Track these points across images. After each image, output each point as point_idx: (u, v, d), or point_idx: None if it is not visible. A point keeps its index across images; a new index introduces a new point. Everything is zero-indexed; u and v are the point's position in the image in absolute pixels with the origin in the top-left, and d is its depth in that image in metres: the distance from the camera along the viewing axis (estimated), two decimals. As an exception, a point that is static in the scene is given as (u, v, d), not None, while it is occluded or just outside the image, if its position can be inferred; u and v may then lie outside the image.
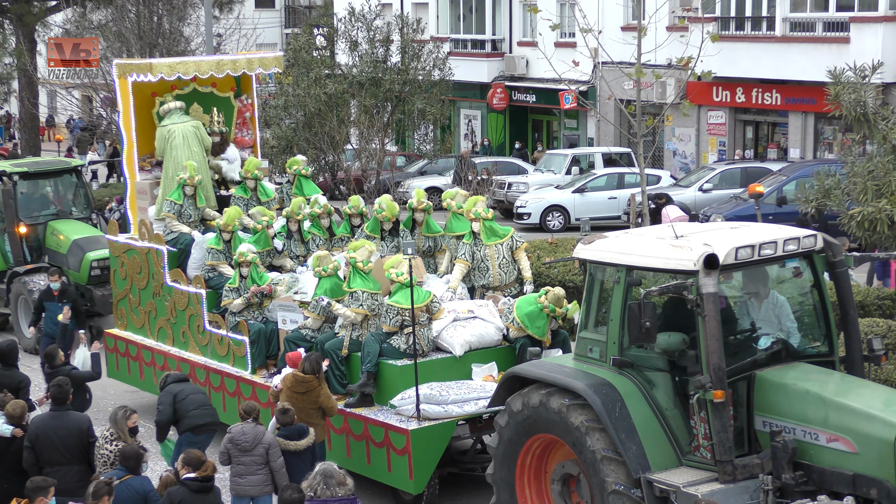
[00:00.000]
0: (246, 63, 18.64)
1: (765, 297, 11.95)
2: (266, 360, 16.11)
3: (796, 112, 35.06)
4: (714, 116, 37.80)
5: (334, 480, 10.28)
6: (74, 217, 23.90)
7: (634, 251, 11.81)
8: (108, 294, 22.52)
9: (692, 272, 11.10)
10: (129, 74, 18.09)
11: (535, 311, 14.56)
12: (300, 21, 55.70)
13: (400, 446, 13.82)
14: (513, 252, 15.65)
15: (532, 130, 46.60)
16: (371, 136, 30.25)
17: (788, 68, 33.75)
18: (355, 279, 14.86)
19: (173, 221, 17.56)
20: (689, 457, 11.41)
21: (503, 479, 12.61)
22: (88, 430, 12.41)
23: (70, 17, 39.13)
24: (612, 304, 11.78)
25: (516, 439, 12.37)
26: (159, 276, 17.57)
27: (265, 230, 16.95)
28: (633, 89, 23.48)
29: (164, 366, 17.44)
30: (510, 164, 40.48)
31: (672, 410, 11.57)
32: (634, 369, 11.74)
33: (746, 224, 12.82)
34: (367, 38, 34.46)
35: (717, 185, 32.70)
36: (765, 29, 34.81)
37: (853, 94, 17.39)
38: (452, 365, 14.54)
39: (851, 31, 32.11)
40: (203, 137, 18.26)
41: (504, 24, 45.14)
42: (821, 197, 17.97)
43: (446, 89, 37.98)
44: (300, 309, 15.71)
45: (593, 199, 34.37)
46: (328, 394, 13.85)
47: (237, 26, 34.65)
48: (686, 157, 39.16)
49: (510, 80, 44.53)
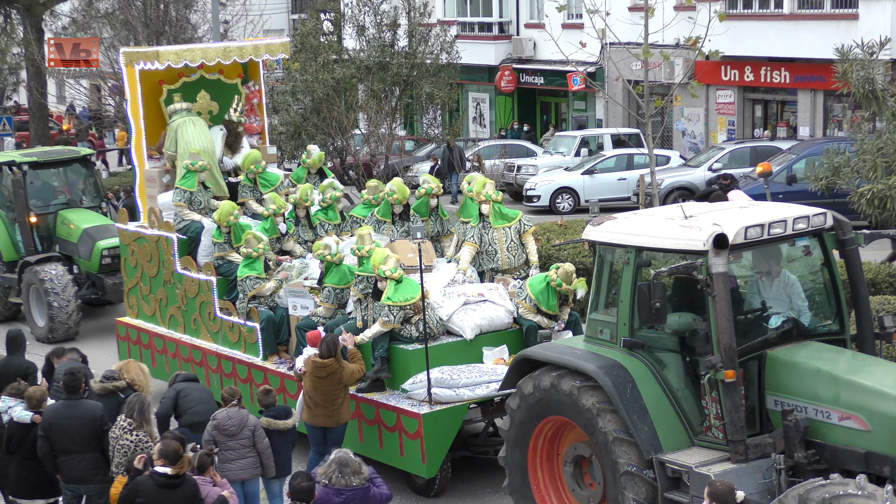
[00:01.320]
0: (252, 49, 18.57)
1: (776, 276, 11.88)
2: (277, 347, 16.08)
3: (805, 90, 35.05)
4: (723, 96, 37.78)
5: (349, 469, 10.22)
6: (84, 206, 23.94)
7: (644, 232, 11.76)
8: (119, 283, 22.48)
9: (701, 252, 11.07)
10: (136, 62, 18.07)
11: (546, 287, 14.62)
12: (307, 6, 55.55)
13: (412, 430, 13.83)
14: (520, 235, 15.68)
15: (540, 112, 46.57)
16: (379, 120, 30.26)
17: (797, 46, 33.73)
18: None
19: (184, 210, 17.55)
20: (701, 437, 11.40)
21: (515, 462, 12.62)
22: (102, 418, 12.41)
23: (77, 7, 39.20)
24: (622, 285, 11.73)
25: (528, 422, 12.37)
26: (170, 263, 17.54)
27: (272, 217, 16.95)
28: (641, 70, 23.45)
29: (176, 353, 17.48)
30: (519, 146, 40.46)
31: (683, 391, 11.54)
32: (645, 350, 11.71)
33: (756, 203, 12.78)
34: (374, 23, 34.36)
35: (726, 165, 32.57)
36: (773, 7, 34.78)
37: (861, 72, 17.36)
38: (463, 348, 14.53)
39: (860, 7, 32.09)
40: None
41: (511, 7, 45.09)
42: (830, 175, 18.01)
43: (454, 73, 37.86)
44: (311, 295, 15.70)
45: (603, 180, 34.31)
46: (351, 370, 13.83)
47: (244, 13, 34.65)
48: (695, 137, 39.12)
49: (518, 62, 44.52)
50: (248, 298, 16.20)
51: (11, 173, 23.06)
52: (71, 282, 22.44)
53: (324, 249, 15.42)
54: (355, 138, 31.30)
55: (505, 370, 13.50)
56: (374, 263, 14.51)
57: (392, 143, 31.01)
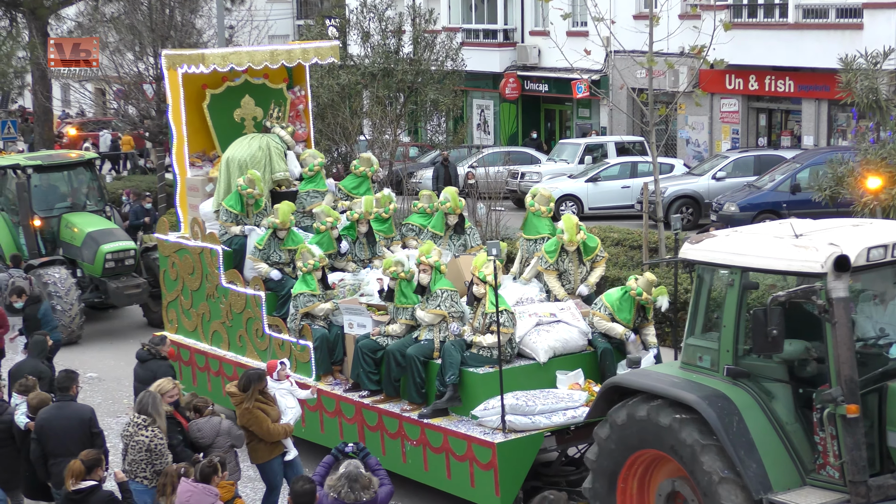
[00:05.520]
0: (301, 53, 17.73)
1: (891, 300, 11.00)
2: (332, 367, 15.23)
3: (810, 99, 35.03)
4: (727, 104, 37.79)
5: (359, 485, 9.93)
6: (88, 210, 23.95)
7: (751, 252, 10.90)
8: (122, 286, 22.81)
9: (819, 275, 10.22)
10: (179, 66, 17.15)
11: (623, 297, 13.97)
12: (312, 12, 55.66)
13: (485, 460, 12.92)
14: (593, 264, 15.01)
15: (545, 120, 46.63)
16: (384, 126, 30.34)
17: (801, 55, 33.72)
18: (439, 280, 13.99)
19: (231, 227, 16.62)
20: (814, 475, 10.58)
21: (602, 494, 11.86)
22: (91, 420, 12.38)
23: (83, 10, 39.28)
24: (726, 308, 10.92)
25: (619, 453, 11.56)
26: (214, 276, 16.64)
27: (329, 231, 15.95)
28: (646, 78, 23.53)
29: (220, 371, 16.67)
30: (523, 153, 40.52)
31: (793, 424, 10.72)
32: (750, 380, 10.88)
33: (867, 220, 11.90)
34: (380, 29, 34.52)
35: (730, 174, 32.69)
36: (777, 16, 34.76)
37: (865, 81, 17.38)
38: (536, 372, 13.63)
39: (865, 17, 32.03)
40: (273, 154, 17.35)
41: (516, 14, 45.16)
42: (834, 185, 17.99)
43: (459, 79, 38.04)
44: (368, 312, 14.81)
45: (606, 188, 34.33)
46: (254, 418, 12.67)
47: (249, 18, 34.69)
48: (699, 146, 39.17)
49: (522, 69, 44.56)
50: (300, 315, 15.29)
51: (16, 176, 23.10)
52: (74, 285, 22.41)
53: (396, 266, 14.21)
54: (360, 144, 31.38)
55: (581, 396, 13.03)
56: (476, 264, 13.60)
57: (396, 150, 31.07)
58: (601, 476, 11.78)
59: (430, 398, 13.88)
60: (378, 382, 14.39)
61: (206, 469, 11.04)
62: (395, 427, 13.98)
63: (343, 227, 16.23)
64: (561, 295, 14.63)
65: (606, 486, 11.76)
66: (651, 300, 13.90)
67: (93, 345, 21.93)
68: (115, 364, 20.75)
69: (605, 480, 11.76)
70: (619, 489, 11.73)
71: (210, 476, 10.99)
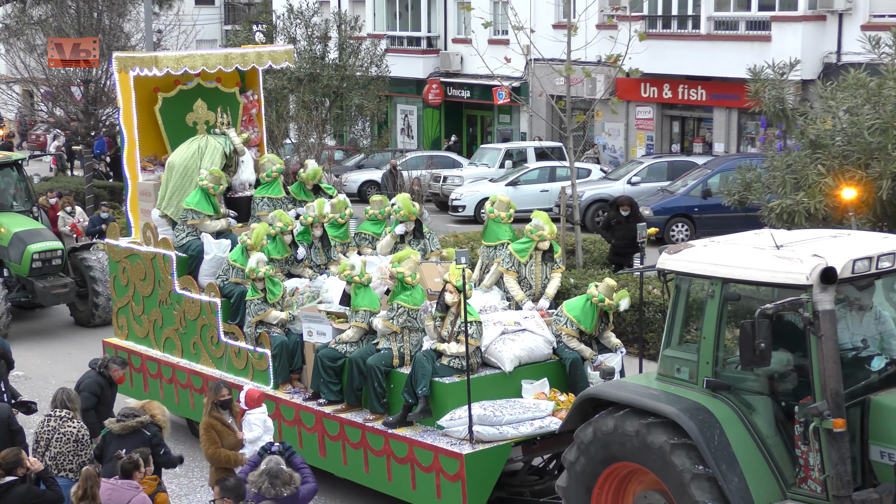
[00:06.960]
0: (255, 57, 17.41)
1: (867, 311, 10.63)
2: (290, 375, 14.74)
3: (720, 108, 35.72)
4: (642, 112, 38.44)
5: (279, 481, 9.97)
6: (16, 210, 23.65)
7: (732, 262, 10.53)
8: (49, 286, 22.56)
9: (804, 287, 9.90)
10: (131, 68, 16.69)
11: (585, 306, 13.69)
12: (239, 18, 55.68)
13: (452, 472, 12.53)
14: (551, 270, 14.73)
15: (467, 125, 47.17)
16: (309, 130, 30.62)
17: (713, 65, 34.41)
18: (399, 293, 13.63)
19: (206, 223, 16.11)
20: (795, 489, 10.25)
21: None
22: (9, 418, 12.28)
23: (10, 13, 38.90)
24: (705, 320, 10.59)
25: (591, 468, 11.16)
26: (167, 283, 16.18)
27: (280, 236, 15.54)
28: (564, 85, 23.96)
29: (173, 378, 16.26)
30: (445, 157, 41.08)
31: (773, 437, 10.40)
32: (730, 392, 10.56)
33: (846, 231, 11.62)
34: (306, 35, 34.79)
35: (644, 179, 33.37)
36: (690, 27, 35.47)
37: (773, 91, 17.67)
38: (502, 381, 13.28)
39: (773, 29, 32.84)
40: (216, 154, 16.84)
41: (439, 22, 45.61)
42: (742, 190, 18.17)
43: (383, 85, 38.40)
44: (328, 320, 14.34)
45: (526, 191, 34.54)
46: (206, 436, 12.36)
47: (177, 22, 34.59)
48: (615, 151, 39.87)
49: (445, 76, 45.03)
50: (254, 323, 14.91)
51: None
52: (1, 285, 22.22)
53: (350, 270, 13.95)
54: (286, 148, 31.63)
55: (548, 406, 12.86)
56: (452, 273, 13.15)
57: (322, 153, 31.39)
58: (576, 490, 11.39)
59: (392, 408, 13.59)
60: (339, 392, 14.03)
61: (126, 465, 10.84)
62: (358, 437, 13.66)
63: (298, 233, 15.90)
64: (519, 297, 14.42)
65: (583, 499, 11.35)
66: (614, 305, 13.66)
67: (20, 344, 21.31)
68: (41, 363, 20.68)
69: (580, 494, 11.37)
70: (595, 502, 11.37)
71: (131, 472, 10.82)
